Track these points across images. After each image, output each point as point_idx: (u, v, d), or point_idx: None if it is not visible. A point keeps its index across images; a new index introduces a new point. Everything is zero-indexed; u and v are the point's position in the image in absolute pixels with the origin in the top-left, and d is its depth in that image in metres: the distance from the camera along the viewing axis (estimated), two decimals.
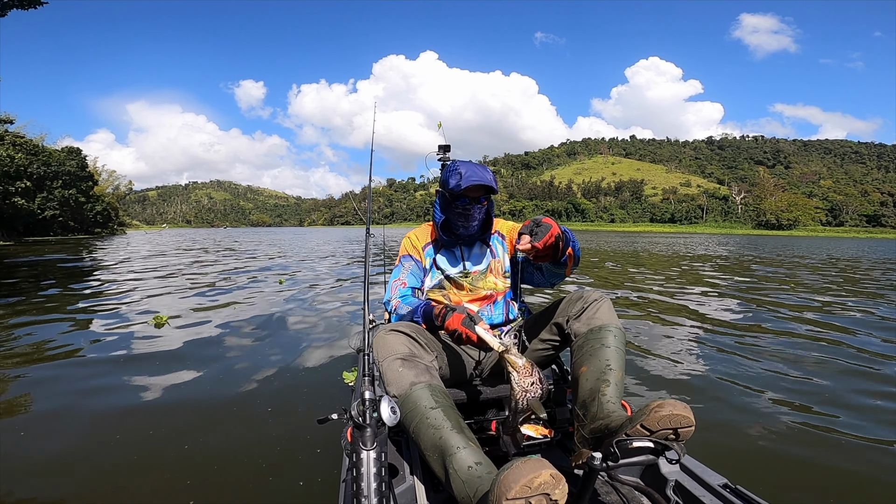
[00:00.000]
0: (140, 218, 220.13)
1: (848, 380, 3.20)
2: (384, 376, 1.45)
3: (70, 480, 2.01)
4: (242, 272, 10.16)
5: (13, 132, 37.48)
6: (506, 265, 1.90)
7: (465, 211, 1.77)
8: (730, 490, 1.24)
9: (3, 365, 3.55)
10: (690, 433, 1.15)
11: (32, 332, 4.57)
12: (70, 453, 2.24)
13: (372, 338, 1.53)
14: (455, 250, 1.90)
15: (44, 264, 12.73)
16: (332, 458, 2.10)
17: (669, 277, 9.48)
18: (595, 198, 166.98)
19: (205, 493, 1.93)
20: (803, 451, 2.23)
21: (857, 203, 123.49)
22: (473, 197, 1.75)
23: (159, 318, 5.09)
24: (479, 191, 1.75)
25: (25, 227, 39.09)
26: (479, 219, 1.83)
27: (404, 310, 1.70)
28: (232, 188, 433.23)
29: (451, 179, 1.75)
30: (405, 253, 1.91)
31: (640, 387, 3.05)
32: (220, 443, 2.36)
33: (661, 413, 1.12)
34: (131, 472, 2.09)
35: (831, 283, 9.03)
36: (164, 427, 2.55)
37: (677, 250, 21.39)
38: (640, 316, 5.34)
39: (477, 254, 1.90)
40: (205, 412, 2.74)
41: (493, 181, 1.74)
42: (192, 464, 2.16)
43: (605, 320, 1.51)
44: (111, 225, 56.68)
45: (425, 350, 1.53)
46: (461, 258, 1.90)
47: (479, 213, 1.80)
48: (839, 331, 4.71)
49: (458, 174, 1.72)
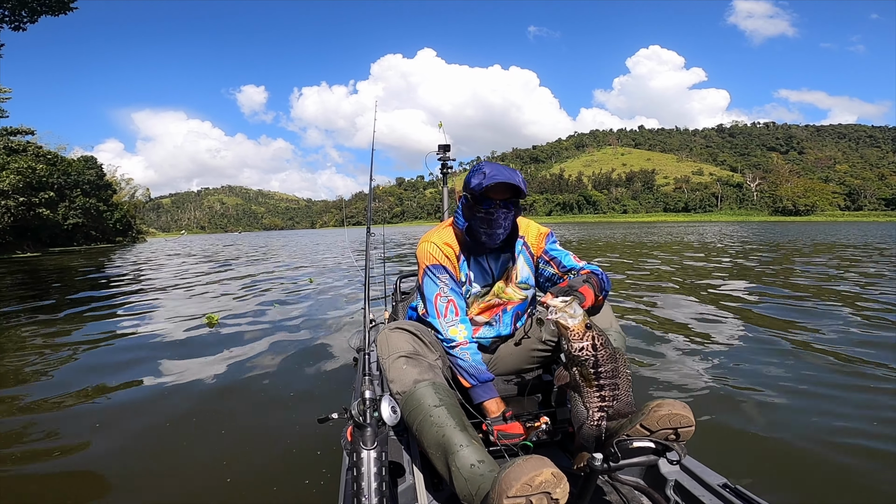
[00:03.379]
0: (156, 225, 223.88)
1: (849, 380, 3.14)
2: (387, 374, 1.46)
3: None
4: (276, 276, 10.52)
5: (34, 143, 38.30)
6: (524, 275, 1.72)
7: (488, 215, 1.56)
8: (730, 490, 1.24)
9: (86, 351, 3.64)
10: (691, 433, 1.14)
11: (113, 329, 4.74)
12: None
13: (373, 337, 1.53)
14: (482, 260, 1.71)
15: (87, 273, 13.03)
16: (332, 457, 2.12)
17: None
18: (606, 189, 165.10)
19: (204, 492, 1.95)
20: (803, 451, 2.21)
21: (874, 187, 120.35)
22: (499, 199, 1.56)
23: (211, 317, 5.38)
24: (505, 192, 1.56)
25: (51, 238, 39.97)
26: (506, 227, 1.61)
27: (466, 363, 1.54)
28: (243, 193, 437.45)
29: (473, 178, 1.57)
30: (435, 262, 1.64)
31: (641, 387, 3.03)
32: (219, 442, 2.39)
33: (661, 413, 1.12)
34: (137, 471, 2.13)
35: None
36: (165, 426, 2.59)
37: (702, 241, 21.07)
38: (641, 316, 5.29)
39: (502, 262, 1.73)
40: (205, 412, 2.78)
41: (521, 182, 1.55)
42: (192, 463, 2.19)
43: (605, 324, 1.50)
44: (131, 233, 57.64)
45: (429, 348, 1.53)
46: (490, 269, 1.72)
47: (506, 221, 1.59)
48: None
49: (483, 173, 1.55)
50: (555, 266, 1.68)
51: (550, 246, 1.72)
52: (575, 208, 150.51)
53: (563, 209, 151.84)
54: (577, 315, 1.16)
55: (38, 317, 6.15)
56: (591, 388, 1.16)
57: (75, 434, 2.56)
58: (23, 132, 36.90)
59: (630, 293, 6.61)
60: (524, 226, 1.75)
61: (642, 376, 3.22)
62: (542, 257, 1.72)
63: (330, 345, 4.17)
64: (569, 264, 1.65)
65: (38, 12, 10.63)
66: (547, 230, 1.77)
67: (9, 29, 10.66)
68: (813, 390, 2.92)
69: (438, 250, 1.65)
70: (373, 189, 2.46)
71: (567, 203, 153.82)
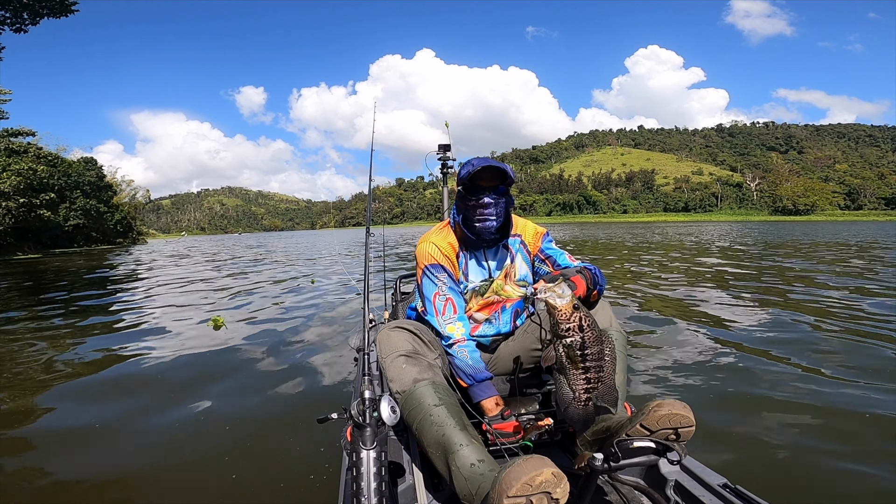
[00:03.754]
0: (155, 227, 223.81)
1: (850, 381, 3.13)
2: (387, 373, 1.45)
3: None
4: (280, 274, 10.66)
5: (34, 144, 38.25)
6: (522, 273, 1.75)
7: (479, 202, 1.60)
8: (730, 490, 1.24)
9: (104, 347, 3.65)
10: (691, 433, 1.14)
11: (123, 325, 4.70)
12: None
13: (372, 337, 1.54)
14: (479, 254, 1.75)
15: (90, 273, 13.03)
16: (332, 457, 2.12)
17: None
18: (606, 189, 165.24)
19: (204, 492, 1.95)
20: (803, 451, 2.20)
21: (874, 186, 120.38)
22: (487, 186, 1.61)
23: (217, 319, 5.40)
24: (493, 178, 1.62)
25: (52, 239, 39.96)
26: (497, 216, 1.64)
27: (463, 360, 1.56)
28: (243, 194, 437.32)
29: (462, 170, 1.65)
30: (434, 262, 1.67)
31: (641, 387, 3.03)
32: (219, 442, 2.39)
33: (661, 413, 1.12)
34: (133, 472, 2.13)
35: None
36: (164, 425, 2.59)
37: (701, 240, 21.07)
38: (641, 316, 5.30)
39: (500, 259, 1.76)
40: (206, 411, 2.78)
41: (507, 167, 1.61)
42: (192, 463, 2.19)
43: (605, 323, 1.51)
44: (132, 234, 57.60)
45: (428, 348, 1.53)
46: (487, 266, 1.74)
47: (497, 207, 1.63)
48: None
49: (471, 164, 1.62)
50: (550, 265, 1.72)
51: (546, 245, 1.76)
52: (575, 208, 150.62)
53: (563, 209, 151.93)
54: (566, 296, 1.17)
55: (46, 318, 6.15)
56: (576, 371, 1.16)
57: (77, 433, 2.56)
58: (24, 133, 36.97)
59: (630, 291, 6.61)
60: (521, 225, 1.79)
61: (642, 376, 3.22)
62: (537, 256, 1.76)
63: (330, 345, 4.18)
64: (564, 263, 1.68)
65: (39, 14, 10.64)
66: (543, 230, 1.81)
67: (10, 31, 10.68)
68: (813, 390, 2.91)
69: (437, 250, 1.68)
70: (372, 190, 2.46)
71: (567, 203, 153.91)
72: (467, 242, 1.71)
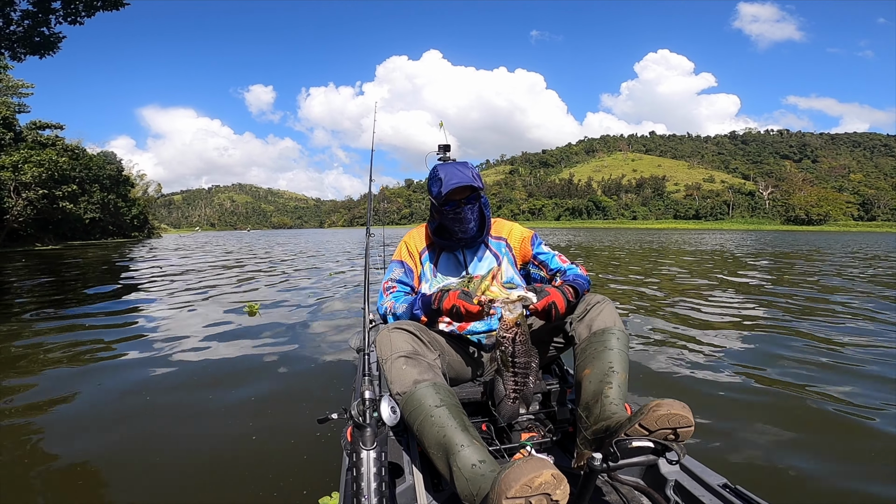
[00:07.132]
0: (167, 222, 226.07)
1: (851, 381, 3.11)
2: (387, 374, 1.46)
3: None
4: (302, 269, 11.02)
5: (62, 138, 38.54)
6: (509, 275, 1.82)
7: (456, 215, 1.72)
8: (729, 490, 1.23)
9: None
10: (690, 433, 1.14)
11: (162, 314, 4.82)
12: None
13: (372, 337, 1.54)
14: (457, 254, 1.85)
15: (118, 263, 13.22)
16: (331, 457, 2.11)
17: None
18: (616, 195, 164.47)
19: (204, 492, 1.96)
20: (803, 451, 2.20)
21: (888, 197, 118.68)
22: (460, 199, 1.71)
23: (252, 306, 5.74)
24: (464, 192, 1.71)
25: (70, 231, 40.47)
26: (474, 219, 1.77)
27: (400, 308, 1.68)
28: (253, 191, 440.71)
29: (433, 187, 1.73)
30: (398, 258, 1.87)
31: (641, 387, 3.02)
32: (218, 442, 2.39)
33: (659, 412, 1.12)
34: (133, 472, 2.14)
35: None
36: (164, 424, 2.61)
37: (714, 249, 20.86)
38: (642, 316, 5.28)
39: (479, 257, 1.85)
40: (206, 411, 2.79)
41: (474, 179, 1.70)
42: (191, 463, 2.20)
43: (608, 323, 1.50)
44: (147, 228, 58.29)
45: (428, 348, 1.53)
46: (463, 263, 1.84)
47: (472, 214, 1.75)
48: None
49: (439, 180, 1.69)
50: (544, 269, 1.80)
51: (538, 249, 1.83)
52: (584, 213, 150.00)
53: (573, 214, 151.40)
54: (514, 312, 1.35)
55: (103, 308, 6.27)
56: (508, 373, 1.35)
57: (79, 428, 2.58)
58: (52, 126, 37.37)
59: (634, 295, 6.56)
60: (507, 228, 1.90)
61: (642, 376, 3.21)
62: (531, 262, 1.84)
63: (330, 345, 4.18)
64: (555, 266, 1.77)
65: (94, 7, 10.83)
66: (531, 232, 1.88)
67: (66, 23, 10.89)
68: (814, 392, 2.89)
69: (405, 248, 1.88)
70: (382, 190, 2.48)
71: (576, 208, 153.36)
72: (442, 243, 1.83)
